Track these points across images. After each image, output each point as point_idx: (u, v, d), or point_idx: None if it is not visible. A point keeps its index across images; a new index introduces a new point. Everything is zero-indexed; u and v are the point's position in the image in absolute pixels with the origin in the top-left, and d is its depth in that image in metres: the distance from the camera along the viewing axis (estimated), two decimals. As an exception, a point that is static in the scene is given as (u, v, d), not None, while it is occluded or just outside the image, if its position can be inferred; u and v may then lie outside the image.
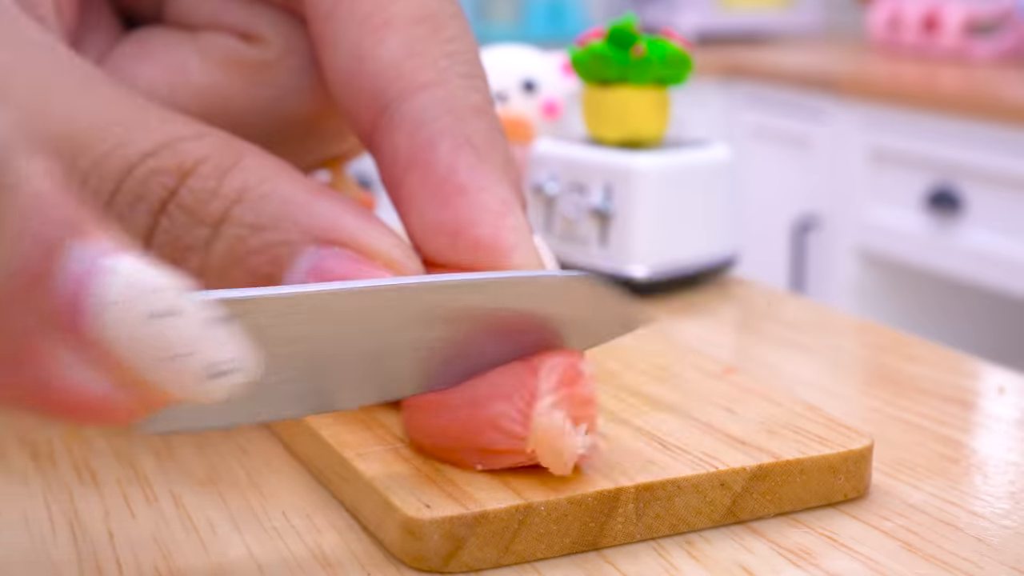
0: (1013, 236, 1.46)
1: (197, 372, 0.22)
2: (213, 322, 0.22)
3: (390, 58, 0.32)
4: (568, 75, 0.58)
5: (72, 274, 0.21)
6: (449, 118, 0.32)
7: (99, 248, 0.22)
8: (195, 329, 0.22)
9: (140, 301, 0.22)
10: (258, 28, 0.35)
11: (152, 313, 0.22)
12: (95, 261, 0.22)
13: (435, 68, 0.32)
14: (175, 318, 0.22)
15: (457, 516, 0.26)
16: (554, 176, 0.51)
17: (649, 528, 0.28)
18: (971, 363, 0.43)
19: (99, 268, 0.21)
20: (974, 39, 1.86)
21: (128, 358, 0.22)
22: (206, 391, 0.22)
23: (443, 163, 0.31)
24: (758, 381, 0.35)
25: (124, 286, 0.22)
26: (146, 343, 0.22)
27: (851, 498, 0.30)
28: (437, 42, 0.32)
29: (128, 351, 0.22)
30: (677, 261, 0.50)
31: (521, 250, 0.31)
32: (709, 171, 0.52)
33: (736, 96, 1.89)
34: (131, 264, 0.22)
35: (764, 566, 0.27)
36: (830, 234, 1.73)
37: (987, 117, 1.46)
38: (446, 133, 0.32)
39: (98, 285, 0.21)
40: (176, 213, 0.29)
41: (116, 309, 0.21)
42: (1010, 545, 0.28)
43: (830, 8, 2.34)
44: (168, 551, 0.27)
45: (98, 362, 0.22)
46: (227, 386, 0.23)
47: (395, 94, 0.32)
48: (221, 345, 0.22)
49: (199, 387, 0.22)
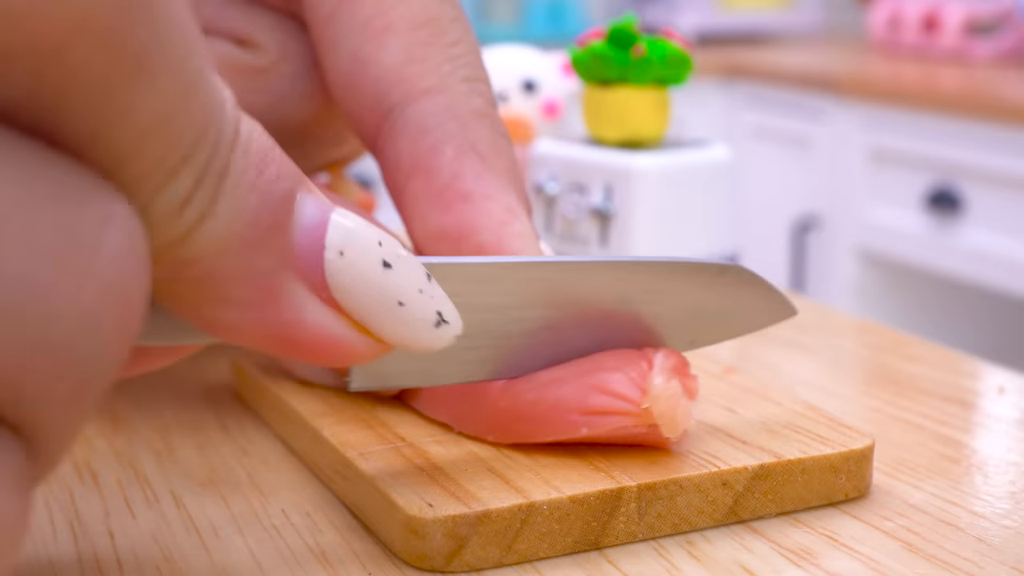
0: (1013, 236, 1.46)
1: (422, 320, 0.24)
2: (429, 278, 0.24)
3: (391, 63, 0.32)
4: (568, 75, 0.58)
5: (306, 223, 0.23)
6: (453, 124, 0.32)
7: (324, 201, 0.23)
8: (417, 279, 0.24)
9: (370, 251, 0.23)
10: (254, 34, 0.35)
11: (381, 261, 0.23)
12: (325, 212, 0.23)
13: (437, 73, 0.32)
14: (398, 269, 0.24)
15: (460, 515, 0.26)
16: (554, 176, 0.51)
17: (651, 527, 0.28)
18: (971, 363, 0.43)
19: (327, 220, 0.23)
20: (974, 39, 1.86)
21: (359, 303, 0.23)
22: (428, 339, 0.24)
23: (447, 169, 0.32)
24: (758, 381, 0.35)
25: (354, 237, 0.23)
26: (375, 290, 0.23)
27: (852, 498, 0.30)
28: (439, 46, 0.32)
29: (359, 297, 0.23)
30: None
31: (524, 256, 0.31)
32: (709, 171, 0.52)
33: (736, 96, 1.89)
34: (353, 216, 0.23)
35: (765, 566, 0.27)
36: (830, 234, 1.74)
37: (987, 117, 1.46)
38: (450, 139, 0.32)
39: (331, 235, 0.23)
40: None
41: (349, 256, 0.23)
42: (1011, 545, 0.28)
43: (830, 8, 2.34)
44: (169, 551, 0.27)
45: (333, 305, 0.23)
46: (447, 336, 0.24)
47: (397, 99, 0.32)
48: (437, 297, 0.24)
49: (422, 334, 0.24)
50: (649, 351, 0.29)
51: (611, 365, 0.29)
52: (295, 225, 0.22)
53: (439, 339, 0.24)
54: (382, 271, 0.23)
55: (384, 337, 0.24)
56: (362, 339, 0.24)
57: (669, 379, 0.29)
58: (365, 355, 0.24)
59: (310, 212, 0.23)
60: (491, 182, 0.32)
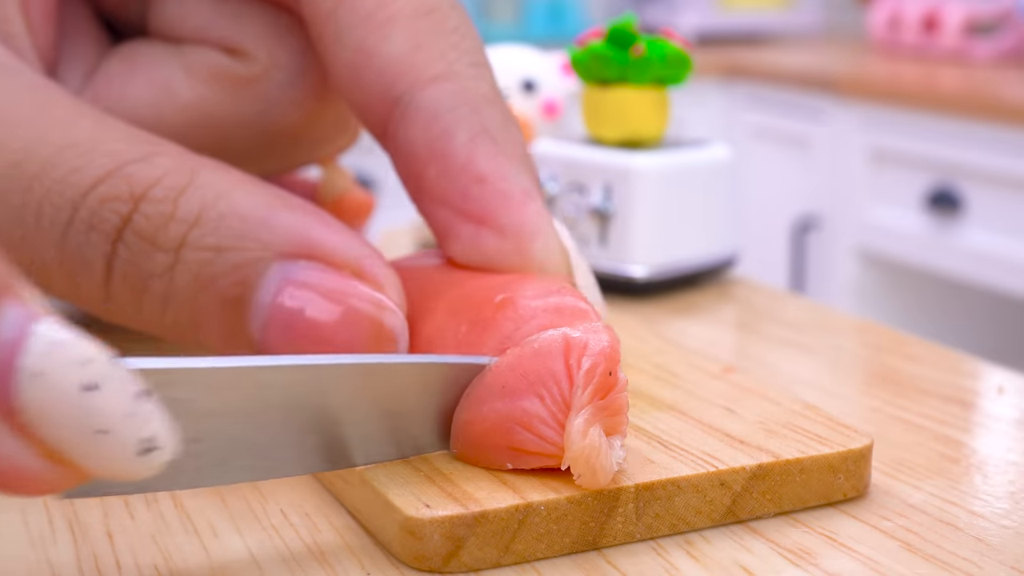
0: (1013, 236, 1.46)
1: (124, 447, 0.21)
2: (140, 396, 0.22)
3: (397, 53, 0.32)
4: (568, 75, 0.58)
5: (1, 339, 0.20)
6: (464, 108, 0.32)
7: (27, 312, 0.21)
8: (124, 403, 0.21)
9: (69, 373, 0.21)
10: (243, 42, 0.35)
11: (81, 386, 0.21)
12: (23, 327, 0.21)
13: (444, 60, 0.32)
14: (103, 391, 0.21)
15: (457, 516, 0.26)
16: (554, 176, 0.51)
17: (649, 528, 0.28)
18: (971, 363, 0.43)
19: (26, 335, 0.21)
20: (974, 39, 1.86)
21: (54, 431, 0.21)
22: (132, 468, 0.22)
23: (461, 153, 0.31)
24: (758, 381, 0.35)
25: (52, 356, 0.21)
26: (73, 417, 0.21)
27: (851, 498, 0.30)
28: (442, 34, 0.32)
29: (54, 424, 0.21)
30: (677, 261, 0.50)
31: (543, 235, 0.32)
32: (709, 171, 0.52)
33: (736, 96, 1.89)
34: (59, 332, 0.21)
35: (763, 566, 0.27)
36: (830, 234, 1.74)
37: (987, 117, 1.46)
38: (462, 123, 0.32)
39: (26, 354, 0.21)
40: (133, 240, 0.28)
41: (43, 380, 0.21)
42: (1010, 545, 0.28)
43: (830, 8, 2.34)
44: (168, 552, 0.27)
45: (23, 433, 0.21)
46: (155, 463, 0.22)
47: (405, 88, 0.32)
48: (148, 421, 0.22)
49: (126, 464, 0.22)
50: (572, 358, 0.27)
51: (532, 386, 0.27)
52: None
53: (146, 467, 0.22)
54: (83, 394, 0.21)
55: (82, 468, 0.21)
56: (55, 470, 0.21)
57: (588, 424, 0.27)
58: (58, 486, 0.22)
59: (9, 324, 0.21)
60: (505, 163, 0.32)
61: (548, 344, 0.28)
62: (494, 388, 0.28)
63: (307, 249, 0.29)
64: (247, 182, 0.30)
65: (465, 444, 0.28)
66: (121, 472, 0.21)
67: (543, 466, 0.28)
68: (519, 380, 0.28)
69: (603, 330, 0.28)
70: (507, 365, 0.28)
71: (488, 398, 0.28)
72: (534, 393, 0.27)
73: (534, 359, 0.28)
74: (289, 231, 0.29)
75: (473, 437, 0.28)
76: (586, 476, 0.27)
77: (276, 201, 0.29)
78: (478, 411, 0.28)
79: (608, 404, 0.27)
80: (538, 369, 0.28)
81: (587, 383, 0.27)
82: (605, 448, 0.27)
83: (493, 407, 0.28)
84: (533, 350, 0.28)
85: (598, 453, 0.27)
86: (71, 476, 0.22)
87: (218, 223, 0.28)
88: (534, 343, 0.28)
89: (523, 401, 0.27)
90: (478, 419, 0.28)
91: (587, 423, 0.27)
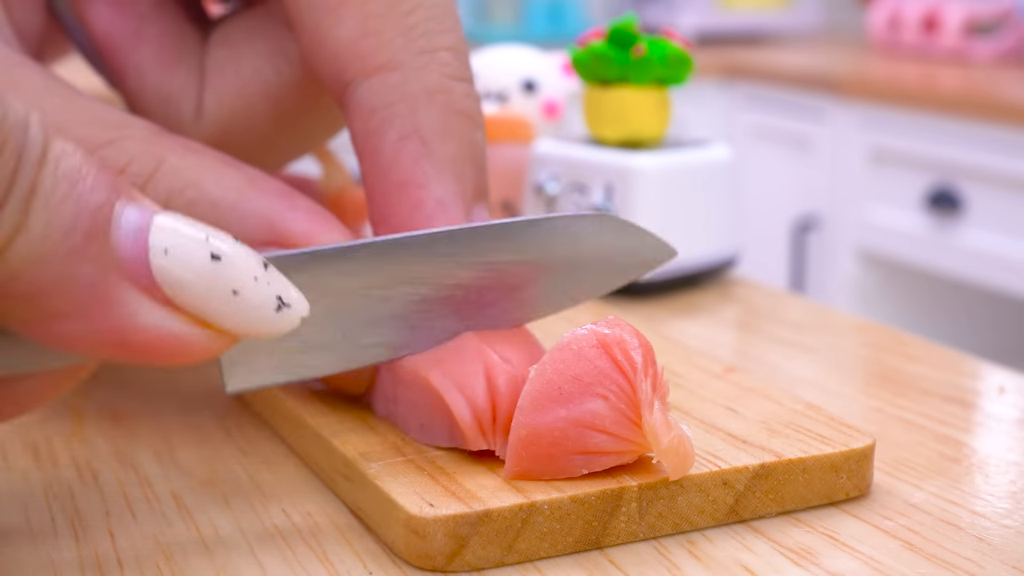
0: (1013, 236, 1.46)
1: (259, 306, 0.24)
2: (262, 263, 0.24)
3: (346, 39, 0.32)
4: (568, 75, 0.58)
5: (128, 228, 0.23)
6: (400, 105, 0.31)
7: (146, 206, 0.24)
8: (251, 268, 0.24)
9: (195, 246, 0.24)
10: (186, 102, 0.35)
11: (209, 254, 0.24)
12: (146, 216, 0.23)
13: (390, 48, 0.31)
14: (229, 258, 0.24)
15: (461, 515, 0.26)
16: (554, 176, 0.51)
17: (652, 527, 0.28)
18: (971, 363, 0.43)
19: (151, 222, 0.23)
20: (974, 39, 1.86)
21: (193, 298, 0.23)
22: (270, 325, 0.24)
23: (387, 154, 0.31)
24: (759, 380, 0.35)
25: (177, 234, 0.23)
26: (207, 283, 0.23)
27: (853, 497, 0.30)
28: (393, 18, 0.31)
29: (192, 292, 0.23)
30: (677, 261, 0.50)
31: None
32: (709, 171, 0.52)
33: (736, 96, 1.89)
34: (178, 217, 0.24)
35: (766, 565, 0.27)
36: (830, 234, 1.73)
37: (987, 117, 1.46)
38: (395, 121, 0.31)
39: (154, 236, 0.23)
40: None
41: (175, 254, 0.23)
42: (1011, 545, 0.28)
43: (830, 8, 2.34)
44: (169, 551, 0.27)
45: (169, 305, 0.23)
46: (289, 319, 0.24)
47: (353, 76, 0.32)
48: (275, 281, 0.24)
49: (262, 321, 0.24)
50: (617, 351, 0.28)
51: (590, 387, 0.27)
52: (116, 231, 0.23)
53: (282, 323, 0.24)
54: (210, 264, 0.24)
55: (224, 327, 0.24)
56: (202, 333, 0.24)
57: (661, 413, 0.27)
58: (208, 349, 0.24)
59: (131, 217, 0.23)
60: (428, 170, 0.31)
61: (582, 344, 0.28)
62: (550, 396, 0.28)
63: (276, 236, 0.31)
64: (217, 166, 0.31)
65: (532, 459, 0.28)
66: (262, 329, 0.24)
67: (617, 464, 0.28)
68: (573, 384, 0.27)
69: (623, 323, 0.28)
70: (554, 371, 0.28)
71: (546, 407, 0.28)
72: (595, 394, 0.27)
73: (579, 361, 0.28)
74: (258, 218, 0.31)
75: (541, 450, 0.28)
76: (676, 465, 0.27)
77: (247, 186, 0.31)
78: (539, 423, 0.28)
79: (661, 391, 0.28)
80: (588, 370, 0.28)
81: (645, 376, 0.28)
82: (686, 434, 0.27)
83: (557, 415, 0.27)
84: (573, 352, 0.28)
85: (685, 441, 0.27)
86: (218, 338, 0.24)
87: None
88: (570, 345, 0.28)
89: (587, 404, 0.27)
90: (543, 432, 0.28)
91: (663, 414, 0.27)
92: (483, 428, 0.29)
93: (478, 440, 0.29)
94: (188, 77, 0.35)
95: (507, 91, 0.58)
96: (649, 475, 0.28)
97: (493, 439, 0.29)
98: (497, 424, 0.29)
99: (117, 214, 0.23)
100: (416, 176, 0.31)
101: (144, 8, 0.35)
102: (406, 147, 0.31)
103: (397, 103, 0.31)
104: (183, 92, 0.34)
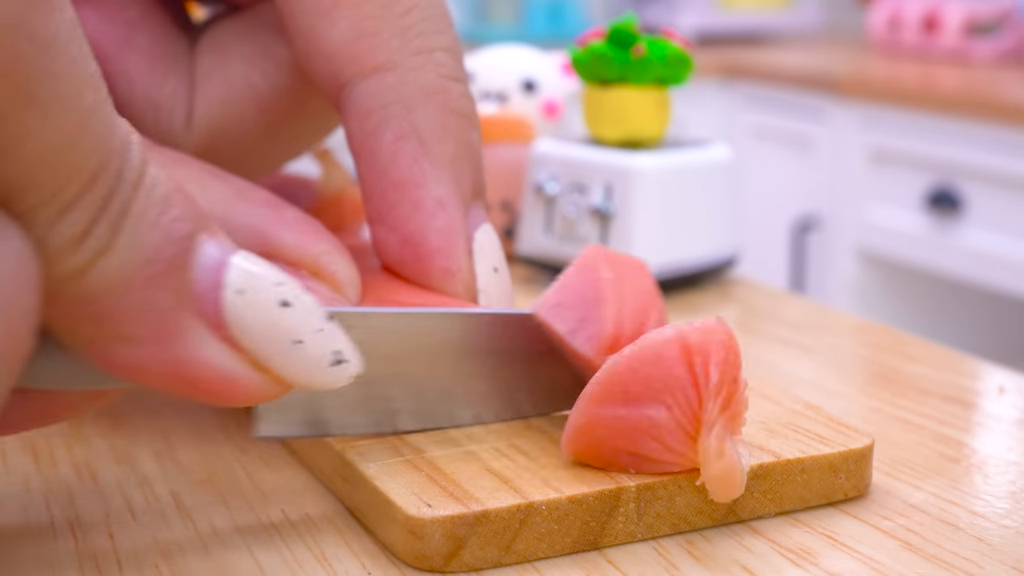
0: (1013, 236, 1.46)
1: (319, 358, 0.24)
2: (327, 316, 0.24)
3: (340, 40, 0.32)
4: (568, 75, 0.58)
5: (206, 263, 0.23)
6: (397, 106, 0.31)
7: (225, 243, 0.24)
8: (315, 320, 0.24)
9: (268, 291, 0.24)
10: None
11: (278, 302, 0.24)
12: (225, 254, 0.24)
13: (386, 49, 0.31)
14: (297, 308, 0.24)
15: (458, 515, 0.26)
16: (554, 176, 0.51)
17: (650, 527, 0.28)
18: (971, 363, 0.43)
19: (228, 260, 0.24)
20: (974, 39, 1.86)
21: (257, 342, 0.24)
22: (326, 378, 0.24)
23: (385, 154, 0.31)
24: (758, 380, 0.35)
25: (251, 276, 0.24)
26: (272, 328, 0.24)
27: (851, 497, 0.30)
28: (388, 18, 0.31)
29: (256, 335, 0.24)
30: (677, 261, 0.50)
31: (443, 255, 0.31)
32: (709, 171, 0.52)
33: (736, 96, 1.89)
34: (254, 259, 0.24)
35: (764, 565, 0.27)
36: (830, 234, 1.74)
37: (987, 117, 1.46)
38: (391, 122, 0.31)
39: (230, 275, 0.23)
40: None
41: (247, 296, 0.23)
42: (1011, 545, 0.28)
43: (830, 8, 2.34)
44: (168, 551, 0.27)
45: (231, 344, 0.23)
46: (344, 375, 0.25)
47: (349, 77, 0.32)
48: (336, 336, 0.25)
49: (319, 373, 0.24)
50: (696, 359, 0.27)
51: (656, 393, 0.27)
52: (195, 264, 0.23)
53: (337, 378, 0.25)
54: (279, 310, 0.24)
55: (282, 375, 0.24)
56: (260, 378, 0.24)
57: (721, 438, 0.27)
58: (264, 394, 0.24)
59: (211, 252, 0.23)
60: (426, 169, 0.31)
61: (665, 347, 0.27)
62: (614, 392, 0.27)
63: (266, 248, 0.30)
64: (204, 178, 0.31)
65: (585, 446, 0.28)
66: (316, 381, 0.24)
67: (666, 471, 0.28)
68: (641, 386, 0.27)
69: (718, 329, 0.28)
70: (626, 367, 0.27)
71: (608, 402, 0.28)
72: (660, 402, 0.27)
73: (656, 364, 0.27)
74: (249, 230, 0.30)
75: (595, 440, 0.28)
76: (720, 493, 0.27)
77: (235, 198, 0.31)
78: (597, 414, 0.28)
79: (733, 409, 0.27)
80: (662, 375, 0.27)
81: (716, 395, 0.27)
82: (739, 461, 0.27)
83: (616, 412, 0.27)
84: (654, 354, 0.27)
85: (736, 471, 0.27)
86: (273, 385, 0.24)
87: None
88: (652, 346, 0.27)
89: (648, 409, 0.27)
90: (599, 423, 0.28)
91: (719, 440, 0.27)
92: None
93: None
94: (178, 84, 0.34)
95: (507, 91, 0.58)
96: (647, 475, 0.28)
97: None
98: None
99: (198, 247, 0.23)
100: (414, 175, 0.31)
101: (133, 15, 0.34)
102: (404, 147, 0.31)
103: (394, 103, 0.31)
104: (173, 100, 0.34)
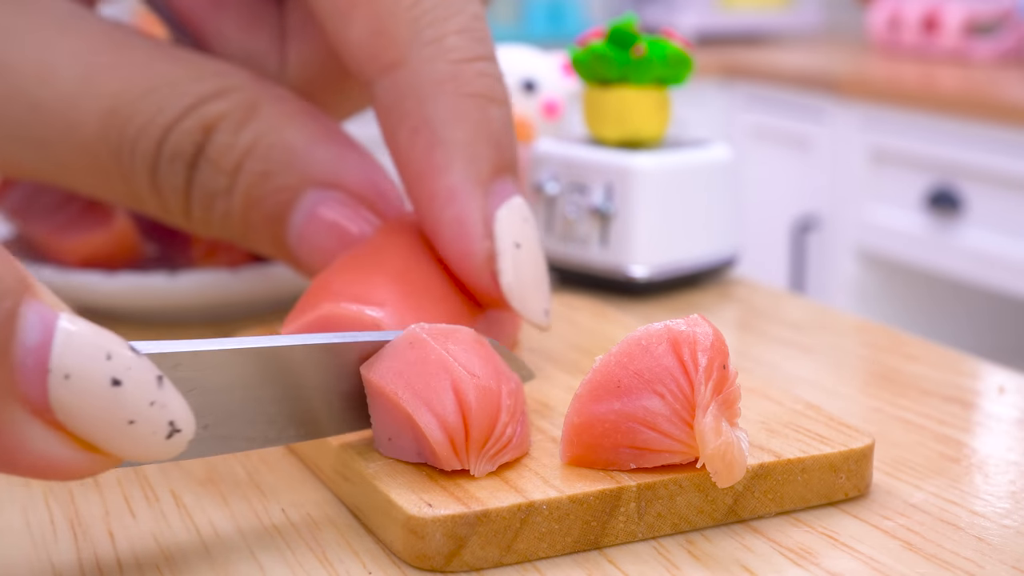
0: (1013, 236, 1.46)
1: (153, 433, 0.23)
2: (160, 382, 0.23)
3: (358, 40, 0.33)
4: (568, 75, 0.58)
5: (31, 341, 0.22)
6: (410, 101, 0.32)
7: (47, 311, 0.22)
8: (148, 393, 0.23)
9: (96, 370, 0.22)
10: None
11: (109, 381, 0.22)
12: (47, 327, 0.22)
13: (398, 45, 0.32)
14: (129, 384, 0.22)
15: (459, 515, 0.26)
16: (554, 176, 0.51)
17: (651, 527, 0.28)
18: (971, 363, 0.43)
19: (51, 337, 0.22)
20: (974, 39, 1.86)
21: (86, 425, 0.22)
22: (161, 451, 0.23)
23: (404, 149, 0.33)
24: (759, 380, 0.35)
25: (78, 355, 0.22)
26: (103, 411, 0.22)
27: (852, 497, 0.30)
28: (398, 13, 0.32)
29: (86, 419, 0.22)
30: (677, 261, 0.50)
31: (456, 242, 0.32)
32: (709, 171, 0.52)
33: (736, 96, 1.89)
34: (80, 327, 0.22)
35: (765, 565, 0.27)
36: (830, 234, 1.73)
37: (987, 117, 1.46)
38: (405, 118, 0.33)
39: (54, 356, 0.22)
40: (204, 166, 0.34)
41: (74, 382, 0.22)
42: (1011, 545, 0.28)
43: (830, 8, 2.34)
44: (169, 551, 0.27)
45: (57, 428, 0.22)
46: (179, 445, 0.23)
47: (369, 76, 0.33)
48: (170, 406, 0.23)
49: (155, 448, 0.23)
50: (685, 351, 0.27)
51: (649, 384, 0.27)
52: (18, 343, 0.21)
53: (171, 450, 0.23)
54: (110, 391, 0.22)
55: (115, 454, 0.23)
56: (88, 457, 0.23)
57: (717, 420, 0.27)
58: (93, 471, 0.23)
59: (33, 326, 0.22)
60: (438, 159, 0.32)
61: (655, 340, 0.28)
62: (607, 388, 0.28)
63: (335, 181, 0.34)
64: (305, 116, 0.35)
65: (582, 447, 0.28)
66: (151, 455, 0.23)
67: (667, 463, 0.28)
68: (633, 378, 0.27)
69: (703, 322, 0.28)
70: (616, 363, 0.28)
71: (602, 398, 0.28)
72: (653, 391, 0.27)
73: (645, 356, 0.28)
74: (324, 163, 0.34)
75: (592, 439, 0.28)
76: (722, 473, 0.27)
77: (324, 135, 0.34)
78: (593, 412, 0.28)
79: (726, 397, 0.28)
80: (652, 366, 0.27)
81: (707, 379, 0.27)
82: (738, 442, 0.27)
83: (611, 407, 0.28)
84: (641, 347, 0.28)
85: (733, 448, 0.27)
86: (103, 462, 0.23)
87: (267, 152, 0.34)
88: (640, 340, 0.28)
89: (643, 400, 0.27)
90: (596, 421, 0.28)
91: (716, 419, 0.27)
92: (456, 447, 0.28)
93: (451, 460, 0.28)
94: (271, 37, 0.37)
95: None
96: (648, 475, 0.28)
97: (467, 457, 0.28)
98: (471, 442, 0.28)
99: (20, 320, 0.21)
100: (429, 167, 0.32)
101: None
102: (418, 140, 0.32)
103: (407, 99, 0.32)
104: (267, 52, 0.37)
